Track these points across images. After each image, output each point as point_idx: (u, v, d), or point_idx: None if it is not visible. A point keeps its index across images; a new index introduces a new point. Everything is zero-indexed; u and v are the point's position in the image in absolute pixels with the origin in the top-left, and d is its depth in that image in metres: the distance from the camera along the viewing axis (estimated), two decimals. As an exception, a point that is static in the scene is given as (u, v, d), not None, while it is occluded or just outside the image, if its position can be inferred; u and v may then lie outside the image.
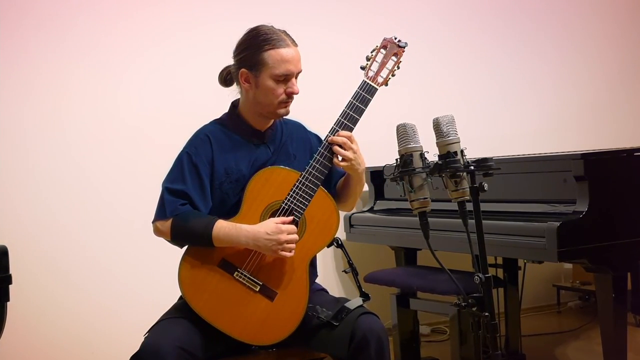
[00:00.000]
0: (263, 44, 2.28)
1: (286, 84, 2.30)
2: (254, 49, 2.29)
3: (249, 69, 2.30)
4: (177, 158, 2.35)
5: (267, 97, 2.31)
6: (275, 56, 2.27)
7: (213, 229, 2.22)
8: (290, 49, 2.29)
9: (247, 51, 2.31)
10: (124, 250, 3.77)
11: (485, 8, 4.85)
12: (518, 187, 3.16)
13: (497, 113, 4.85)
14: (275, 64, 2.27)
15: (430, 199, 2.01)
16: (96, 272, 3.74)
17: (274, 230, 2.20)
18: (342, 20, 4.39)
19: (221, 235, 2.22)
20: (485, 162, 1.92)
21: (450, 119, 1.98)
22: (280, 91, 2.30)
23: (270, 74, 2.28)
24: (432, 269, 3.44)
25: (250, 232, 2.22)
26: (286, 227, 2.22)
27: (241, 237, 2.22)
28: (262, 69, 2.28)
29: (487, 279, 1.89)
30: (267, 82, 2.29)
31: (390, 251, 4.10)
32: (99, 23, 3.78)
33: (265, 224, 2.24)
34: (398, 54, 2.37)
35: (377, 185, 4.13)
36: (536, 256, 2.90)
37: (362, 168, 2.37)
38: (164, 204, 2.29)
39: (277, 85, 2.29)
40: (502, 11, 4.90)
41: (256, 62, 2.28)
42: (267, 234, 2.20)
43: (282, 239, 2.20)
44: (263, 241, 2.20)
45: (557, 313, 4.79)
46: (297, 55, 2.30)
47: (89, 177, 3.76)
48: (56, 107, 3.70)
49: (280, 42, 2.28)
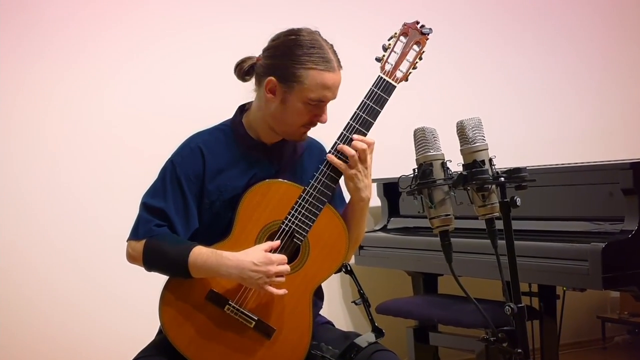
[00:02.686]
0: (306, 58, 2.18)
1: (315, 110, 2.23)
2: (293, 61, 2.19)
3: (280, 81, 2.21)
4: (162, 168, 2.32)
5: (290, 118, 2.25)
6: (317, 78, 2.18)
7: (189, 256, 2.17)
8: (335, 74, 2.20)
9: (283, 59, 2.21)
10: (111, 260, 3.83)
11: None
12: (556, 202, 3.16)
13: (531, 115, 4.86)
14: (313, 87, 2.18)
15: (453, 216, 1.99)
16: (82, 280, 3.84)
17: (263, 260, 2.14)
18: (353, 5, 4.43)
19: (199, 264, 2.17)
20: (518, 172, 1.91)
21: (477, 122, 1.98)
22: (307, 116, 2.23)
23: (304, 96, 2.19)
24: (456, 298, 3.43)
25: (232, 261, 2.16)
26: (277, 257, 2.17)
27: (222, 268, 2.16)
28: (295, 87, 2.20)
29: (520, 310, 1.88)
30: (296, 103, 2.21)
31: (407, 277, 4.09)
32: (84, 29, 3.89)
33: (252, 251, 2.18)
34: (421, 43, 2.30)
35: (391, 200, 4.13)
36: (577, 283, 2.89)
37: (366, 194, 2.28)
38: (138, 222, 2.27)
39: (306, 109, 2.22)
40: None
41: (291, 77, 2.19)
42: (254, 264, 2.14)
43: (272, 271, 2.14)
44: (249, 273, 2.14)
45: (602, 349, 4.77)
46: (339, 81, 2.22)
47: (71, 188, 3.87)
48: (40, 116, 3.81)
49: (327, 63, 2.19)
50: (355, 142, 2.22)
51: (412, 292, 4.05)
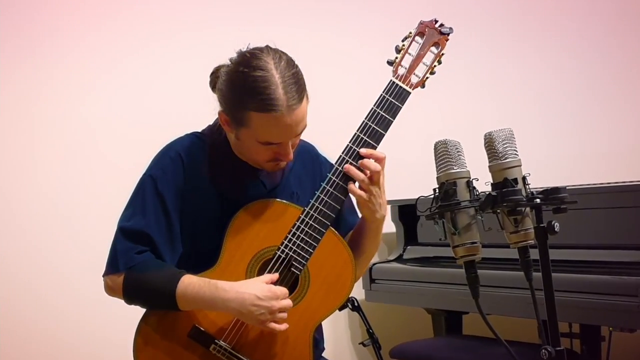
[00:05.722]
0: (247, 99, 2.15)
1: (277, 149, 2.23)
2: (236, 101, 2.19)
3: (229, 117, 2.23)
4: (137, 185, 2.33)
5: (249, 155, 2.29)
6: (261, 122, 2.16)
7: (178, 286, 2.18)
8: (284, 116, 2.14)
9: (229, 96, 2.21)
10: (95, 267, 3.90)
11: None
12: (601, 228, 3.16)
13: (570, 126, 4.87)
14: (260, 131, 2.18)
15: (480, 244, 2.00)
16: (65, 286, 3.90)
17: (268, 294, 2.16)
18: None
19: (189, 295, 2.18)
20: (557, 193, 1.91)
21: (508, 134, 1.98)
22: (268, 155, 2.24)
23: (254, 138, 2.21)
24: (484, 340, 3.43)
25: (231, 293, 2.17)
26: (281, 291, 2.19)
27: (217, 301, 2.18)
28: (242, 130, 2.21)
29: (558, 354, 1.88)
30: (249, 141, 2.23)
31: (426, 315, 4.09)
32: (68, 35, 3.98)
33: (254, 284, 2.19)
34: (440, 44, 2.33)
35: (408, 225, 4.14)
36: (626, 322, 2.89)
37: (381, 213, 2.31)
38: (115, 253, 2.27)
39: (263, 148, 2.22)
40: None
41: (236, 118, 2.20)
42: (257, 298, 2.15)
43: (275, 307, 2.16)
44: (250, 308, 2.15)
45: (655, 400, 4.75)
46: (294, 120, 2.17)
47: (54, 198, 3.94)
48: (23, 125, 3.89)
49: (273, 104, 2.12)
50: (368, 162, 2.23)
51: (432, 333, 4.05)
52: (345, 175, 2.25)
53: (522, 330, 2.86)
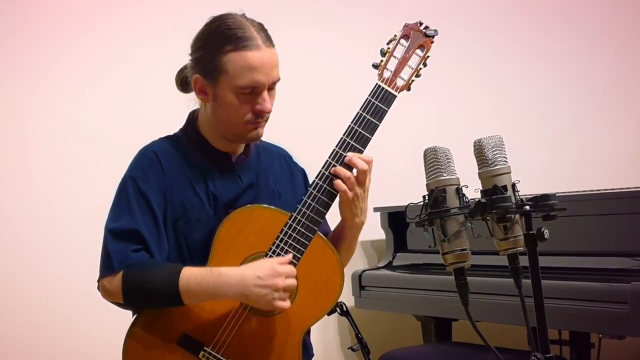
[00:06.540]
0: (223, 43, 2.22)
1: (254, 99, 2.26)
2: (211, 49, 2.25)
3: (205, 76, 2.27)
4: (118, 187, 2.33)
5: (228, 115, 2.29)
6: (239, 61, 2.21)
7: (180, 278, 2.18)
8: (260, 51, 2.22)
9: (203, 51, 2.27)
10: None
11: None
12: (591, 235, 3.16)
13: (561, 133, 4.87)
14: (238, 72, 2.22)
15: (470, 251, 2.00)
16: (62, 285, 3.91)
17: (269, 272, 2.16)
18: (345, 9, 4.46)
19: (193, 287, 2.18)
20: (546, 200, 1.92)
21: (497, 141, 1.99)
22: (246, 109, 2.26)
23: (232, 86, 2.23)
24: (473, 347, 3.43)
25: (234, 277, 2.17)
26: (284, 269, 2.19)
27: (222, 286, 2.17)
28: (221, 79, 2.24)
29: (548, 361, 1.88)
30: (227, 95, 2.25)
31: (416, 322, 4.09)
32: (60, 39, 3.98)
33: (256, 264, 2.20)
34: (425, 47, 2.34)
35: (397, 232, 4.14)
36: (616, 329, 2.89)
37: (361, 219, 2.33)
38: (108, 255, 2.26)
39: (241, 100, 2.25)
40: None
41: (213, 68, 2.24)
42: (258, 277, 2.15)
43: (280, 285, 2.16)
44: (254, 290, 2.15)
45: (645, 408, 4.75)
46: (271, 59, 2.25)
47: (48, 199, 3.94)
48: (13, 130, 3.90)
49: (248, 41, 2.22)
50: (355, 159, 2.24)
51: (421, 340, 4.05)
52: (332, 179, 2.26)
53: (511, 337, 2.86)
